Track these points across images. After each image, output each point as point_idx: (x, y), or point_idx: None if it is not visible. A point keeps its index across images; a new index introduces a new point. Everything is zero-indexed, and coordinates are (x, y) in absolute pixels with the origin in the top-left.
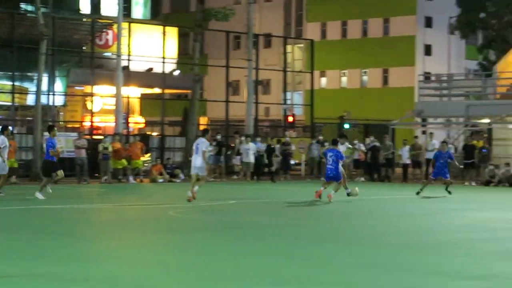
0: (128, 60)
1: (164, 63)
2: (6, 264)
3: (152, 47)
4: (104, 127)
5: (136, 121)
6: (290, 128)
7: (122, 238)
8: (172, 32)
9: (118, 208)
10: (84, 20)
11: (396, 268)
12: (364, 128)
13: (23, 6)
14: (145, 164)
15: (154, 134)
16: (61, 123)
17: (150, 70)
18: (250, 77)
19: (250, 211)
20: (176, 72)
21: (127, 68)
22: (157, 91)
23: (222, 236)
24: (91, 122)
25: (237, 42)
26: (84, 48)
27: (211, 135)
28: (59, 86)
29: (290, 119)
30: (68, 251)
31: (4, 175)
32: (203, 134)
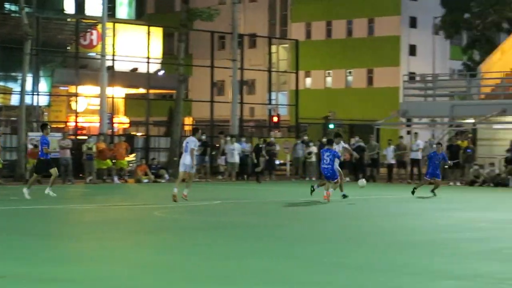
0: (113, 60)
1: (148, 63)
2: None
3: (136, 47)
4: (88, 127)
5: (121, 121)
6: (275, 128)
7: (107, 238)
8: (157, 32)
9: (103, 209)
10: (69, 20)
11: (380, 268)
12: (349, 128)
13: (7, 6)
14: (130, 165)
15: (139, 134)
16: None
17: (135, 70)
18: (235, 77)
19: (235, 212)
20: (161, 72)
21: (111, 68)
22: (141, 91)
23: (207, 237)
24: (76, 122)
25: (222, 42)
26: (68, 48)
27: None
28: (44, 86)
29: (275, 119)
30: (53, 252)
31: None
32: (193, 133)
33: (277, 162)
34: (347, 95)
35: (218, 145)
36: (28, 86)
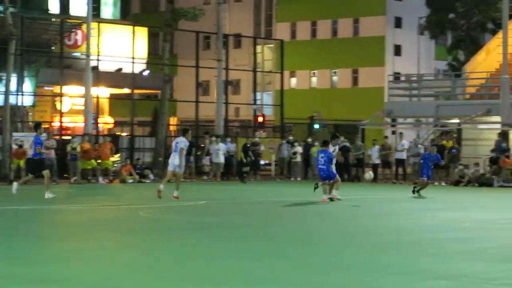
0: (98, 60)
1: (133, 63)
2: None
3: (121, 47)
4: (73, 127)
5: (106, 121)
6: (260, 128)
7: (93, 239)
8: (142, 32)
9: (88, 209)
10: (53, 20)
11: (365, 268)
12: (334, 128)
13: None
14: (114, 165)
15: (124, 134)
16: (30, 123)
17: (120, 70)
18: (220, 77)
19: (221, 212)
20: (146, 72)
21: (96, 68)
22: (126, 91)
23: (192, 237)
24: (60, 122)
25: (207, 42)
26: (53, 48)
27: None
28: (28, 86)
29: (260, 119)
30: (38, 252)
31: None
32: (183, 133)
33: (262, 162)
34: (332, 95)
35: (203, 145)
36: (13, 86)
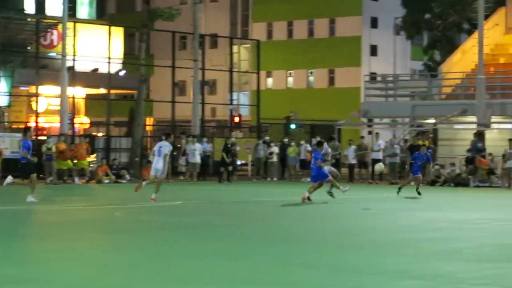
0: (74, 60)
1: (109, 63)
2: None
3: (97, 47)
4: (49, 127)
5: (82, 121)
6: (236, 128)
7: (69, 239)
8: (118, 32)
9: (64, 210)
10: (29, 20)
11: (342, 268)
12: (310, 128)
13: None
14: (90, 165)
15: (100, 134)
16: (5, 123)
17: (96, 70)
18: (196, 77)
19: (197, 212)
20: (122, 73)
21: (72, 69)
22: (102, 91)
23: (168, 237)
24: (36, 122)
25: (183, 42)
26: (28, 48)
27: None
28: (4, 86)
29: (237, 119)
30: (14, 253)
31: None
32: (166, 137)
33: (238, 163)
34: (309, 95)
35: (179, 145)
36: None
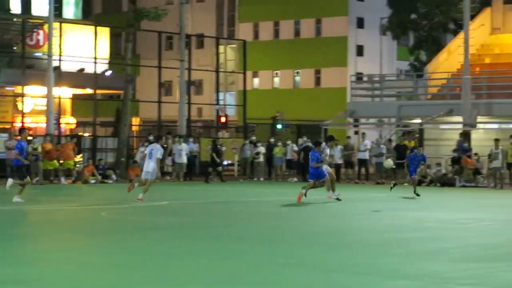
0: (60, 60)
1: (96, 63)
2: None
3: (83, 47)
4: (35, 127)
5: (68, 121)
6: (223, 128)
7: (54, 239)
8: (104, 32)
9: (50, 210)
10: (15, 20)
11: (327, 268)
12: (296, 128)
13: None
14: (77, 165)
15: (86, 135)
16: None
17: (82, 70)
18: (183, 77)
19: (183, 212)
20: (108, 73)
21: (58, 69)
22: (89, 91)
23: (154, 237)
24: (22, 123)
25: (169, 42)
26: (14, 48)
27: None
28: None
29: (223, 119)
30: (2, 253)
31: None
32: (157, 140)
33: (224, 163)
34: (295, 95)
35: (165, 145)
36: None
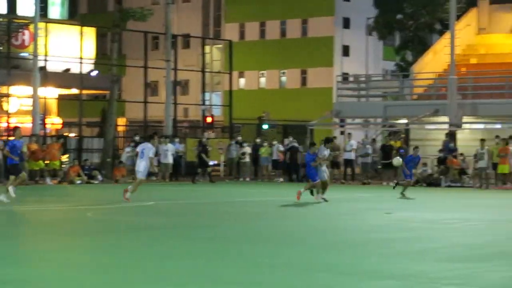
0: (45, 60)
1: (81, 63)
2: None
3: (69, 48)
4: (21, 128)
5: (54, 122)
6: (208, 128)
7: (39, 240)
8: (90, 33)
9: (36, 210)
10: (0, 20)
11: (312, 268)
12: (282, 128)
13: None
14: (62, 166)
15: (72, 135)
16: None
17: (68, 70)
18: (169, 77)
19: (169, 212)
20: (94, 73)
21: (44, 69)
22: (74, 91)
23: (139, 238)
24: (8, 123)
25: (155, 42)
26: (0, 48)
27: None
28: None
29: (209, 119)
30: None
31: None
32: (149, 138)
33: (210, 163)
34: (281, 95)
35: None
36: None
